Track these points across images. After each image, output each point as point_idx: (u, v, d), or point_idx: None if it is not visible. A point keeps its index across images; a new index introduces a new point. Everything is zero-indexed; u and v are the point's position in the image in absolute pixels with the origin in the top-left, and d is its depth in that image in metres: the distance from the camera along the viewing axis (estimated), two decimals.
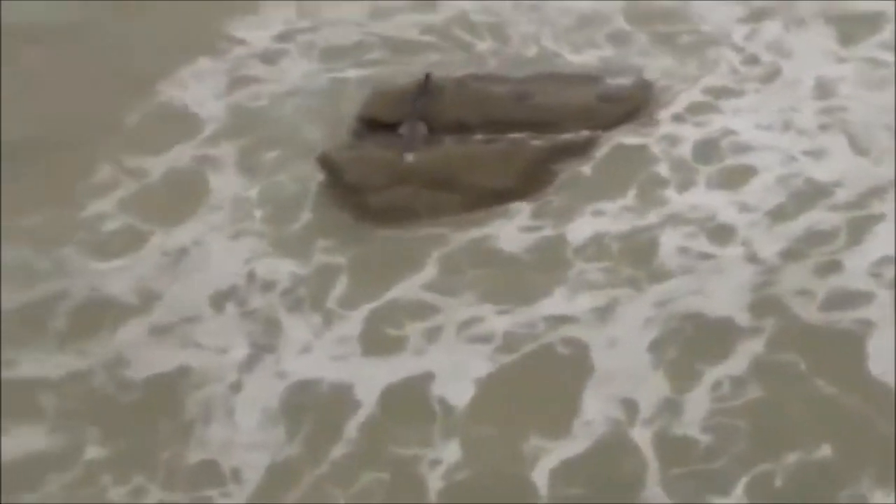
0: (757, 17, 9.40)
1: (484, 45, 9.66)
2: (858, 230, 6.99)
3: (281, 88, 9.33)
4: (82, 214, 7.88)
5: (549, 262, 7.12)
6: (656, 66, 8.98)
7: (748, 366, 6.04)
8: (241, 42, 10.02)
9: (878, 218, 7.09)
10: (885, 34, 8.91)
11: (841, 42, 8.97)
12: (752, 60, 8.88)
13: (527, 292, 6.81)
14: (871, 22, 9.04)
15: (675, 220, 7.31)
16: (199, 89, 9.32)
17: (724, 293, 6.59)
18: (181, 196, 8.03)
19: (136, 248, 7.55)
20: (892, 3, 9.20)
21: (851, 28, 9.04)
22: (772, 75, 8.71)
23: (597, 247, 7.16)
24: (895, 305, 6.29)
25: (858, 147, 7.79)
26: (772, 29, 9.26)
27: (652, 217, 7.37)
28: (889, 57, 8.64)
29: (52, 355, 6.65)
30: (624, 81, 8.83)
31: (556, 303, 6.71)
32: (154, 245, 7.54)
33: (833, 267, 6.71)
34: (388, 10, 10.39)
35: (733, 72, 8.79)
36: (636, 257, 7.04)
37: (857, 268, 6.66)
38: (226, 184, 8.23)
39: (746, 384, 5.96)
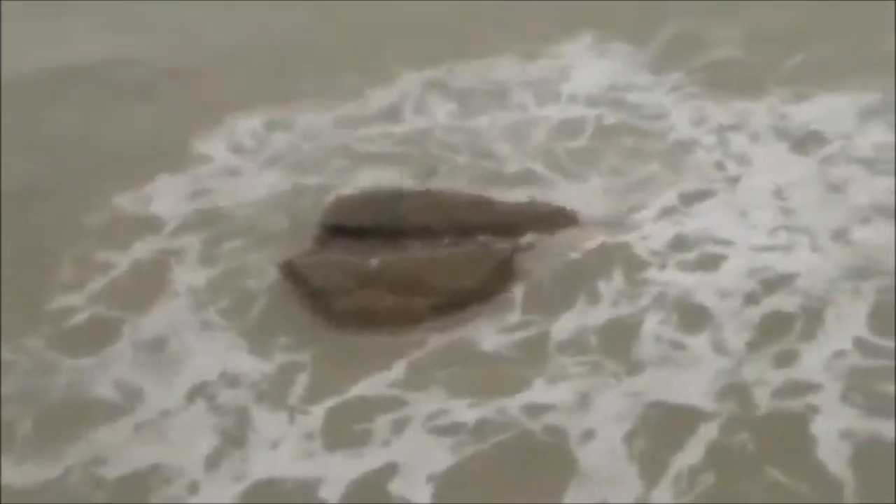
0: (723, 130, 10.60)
1: (450, 159, 10.57)
2: (814, 322, 7.80)
3: (243, 199, 10.12)
4: (49, 308, 8.54)
5: (526, 357, 7.72)
6: (630, 171, 10.01)
7: (705, 454, 6.67)
8: (204, 156, 10.90)
9: (830, 311, 7.89)
10: (832, 148, 10.04)
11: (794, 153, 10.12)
12: (720, 167, 9.94)
13: (502, 387, 7.38)
14: (817, 138, 10.21)
15: (645, 310, 8.04)
16: (160, 202, 10.12)
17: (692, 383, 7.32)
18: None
19: (110, 340, 8.20)
20: (830, 124, 10.44)
21: (801, 142, 10.21)
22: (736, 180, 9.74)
23: (574, 340, 7.83)
24: None
25: (813, 245, 8.71)
26: (735, 140, 10.41)
27: (624, 308, 8.11)
28: (834, 166, 9.77)
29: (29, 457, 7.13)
30: (583, 187, 9.80)
31: (532, 395, 7.28)
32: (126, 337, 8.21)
33: (790, 357, 7.47)
34: (353, 121, 11.44)
35: (702, 177, 9.82)
36: (613, 348, 7.70)
37: (811, 358, 7.43)
38: (187, 279, 8.91)
39: (703, 472, 6.56)
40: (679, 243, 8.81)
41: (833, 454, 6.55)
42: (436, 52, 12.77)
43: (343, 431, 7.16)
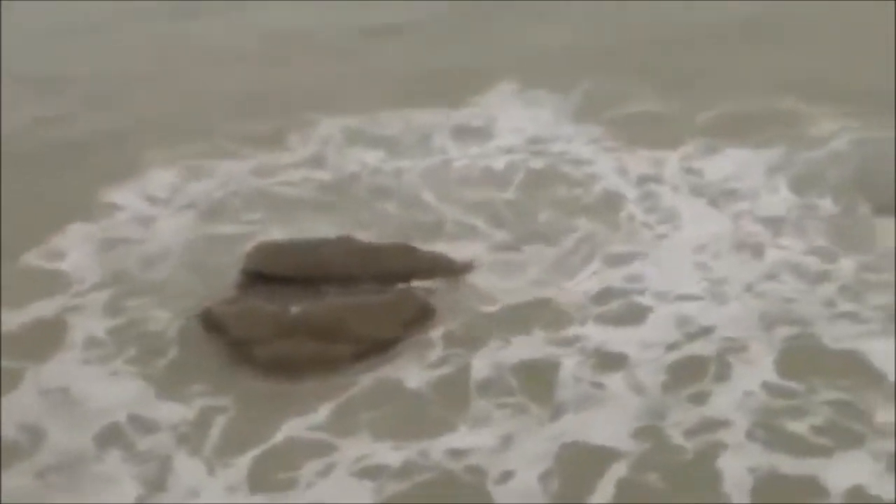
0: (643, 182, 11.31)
1: (376, 206, 11.04)
2: (726, 366, 8.44)
3: (156, 247, 10.42)
4: None
5: (448, 399, 8.17)
6: (557, 222, 10.58)
7: (617, 492, 7.19)
8: (117, 207, 11.17)
9: (743, 359, 8.52)
10: (746, 204, 10.81)
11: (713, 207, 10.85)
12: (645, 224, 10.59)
13: (425, 428, 7.82)
14: (731, 194, 10.98)
15: (568, 351, 8.59)
16: (70, 253, 10.31)
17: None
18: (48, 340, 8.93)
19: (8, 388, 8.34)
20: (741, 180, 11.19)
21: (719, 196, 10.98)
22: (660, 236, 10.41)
23: (495, 380, 8.32)
24: None
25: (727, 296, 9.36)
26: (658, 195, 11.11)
27: (547, 348, 8.66)
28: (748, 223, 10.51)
29: None
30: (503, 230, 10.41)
31: (454, 438, 7.73)
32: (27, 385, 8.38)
33: (703, 397, 8.10)
34: (273, 169, 11.86)
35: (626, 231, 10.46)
36: (533, 388, 8.20)
37: (722, 399, 8.06)
38: (96, 329, 9.13)
39: None
40: (603, 296, 9.41)
41: (736, 488, 7.12)
42: (359, 102, 13.33)
43: (268, 476, 7.48)
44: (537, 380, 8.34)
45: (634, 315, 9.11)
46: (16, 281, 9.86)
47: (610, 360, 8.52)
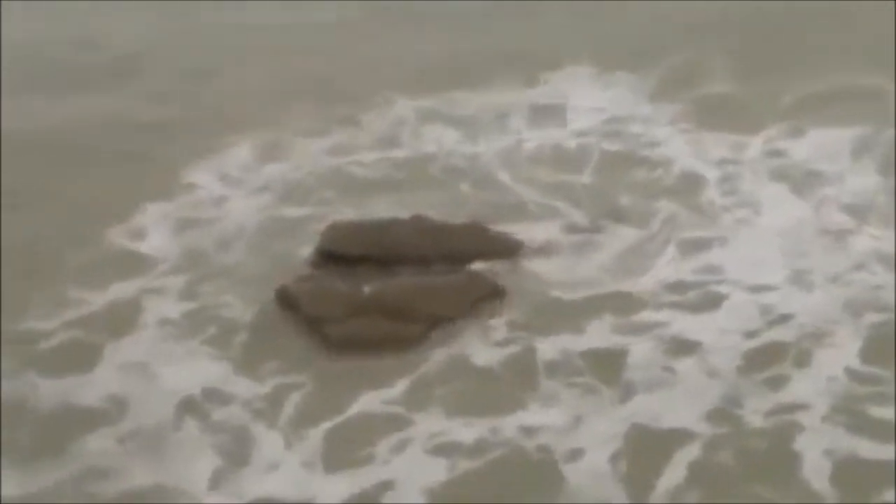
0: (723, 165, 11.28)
1: (450, 186, 11.22)
2: (807, 353, 8.39)
3: (232, 227, 10.68)
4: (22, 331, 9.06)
5: (519, 378, 8.31)
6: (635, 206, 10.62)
7: (689, 473, 7.24)
8: (196, 187, 11.48)
9: (826, 345, 8.49)
10: (831, 188, 10.70)
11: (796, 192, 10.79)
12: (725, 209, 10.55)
13: (496, 405, 7.99)
14: (815, 177, 10.92)
15: (640, 338, 8.63)
16: (150, 233, 10.64)
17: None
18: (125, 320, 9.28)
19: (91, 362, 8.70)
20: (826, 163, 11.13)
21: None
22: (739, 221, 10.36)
23: (565, 363, 8.42)
24: None
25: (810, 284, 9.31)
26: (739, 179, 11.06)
27: (618, 334, 8.71)
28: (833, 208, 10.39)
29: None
30: (570, 212, 10.50)
31: (525, 415, 7.86)
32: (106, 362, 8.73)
33: (782, 382, 8.08)
34: (348, 149, 12.07)
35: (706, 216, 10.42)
36: (602, 371, 8.30)
37: (802, 384, 8.03)
38: (172, 311, 9.41)
39: (688, 491, 7.11)
40: (680, 283, 9.42)
41: (814, 472, 7.12)
42: (433, 82, 13.48)
43: (343, 450, 7.73)
44: (607, 363, 8.42)
45: (711, 302, 9.10)
46: (99, 260, 10.22)
47: (684, 347, 8.54)
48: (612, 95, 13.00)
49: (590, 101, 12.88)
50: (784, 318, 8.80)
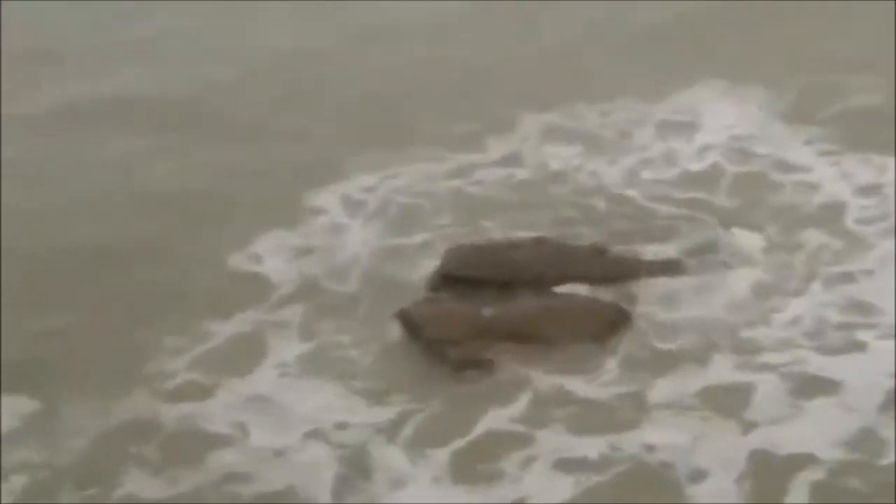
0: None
1: (573, 205, 11.43)
2: None
3: (350, 253, 11.19)
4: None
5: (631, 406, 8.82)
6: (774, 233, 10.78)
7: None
8: (316, 210, 12.00)
9: None
10: None
11: None
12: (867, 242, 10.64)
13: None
14: None
15: (767, 377, 8.89)
16: (271, 259, 11.25)
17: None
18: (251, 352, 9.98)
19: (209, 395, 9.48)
20: None
21: None
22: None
23: (680, 396, 8.85)
24: None
25: None
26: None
27: (742, 372, 9.00)
28: None
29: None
30: (700, 235, 10.70)
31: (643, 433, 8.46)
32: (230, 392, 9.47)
33: None
34: (470, 168, 12.50)
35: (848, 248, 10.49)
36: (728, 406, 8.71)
37: None
38: (293, 346, 9.98)
39: None
40: (817, 321, 9.57)
41: None
42: (554, 95, 13.83)
43: (470, 467, 8.47)
44: (728, 399, 8.79)
45: (850, 343, 9.27)
46: (223, 286, 10.93)
47: (815, 385, 8.80)
48: (743, 111, 13.10)
49: (720, 118, 12.99)
50: None
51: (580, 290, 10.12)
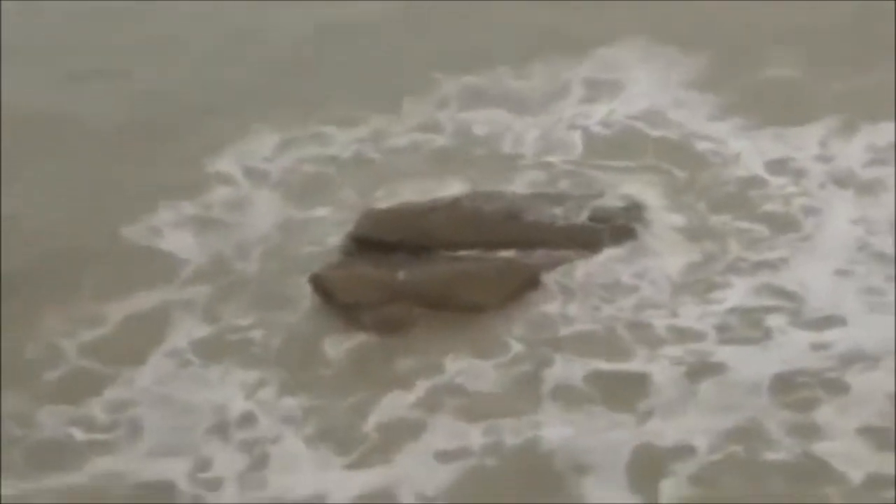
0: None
1: (489, 168, 11.99)
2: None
3: (257, 224, 11.58)
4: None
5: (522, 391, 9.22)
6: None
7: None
8: (219, 179, 12.25)
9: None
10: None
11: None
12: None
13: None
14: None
15: (665, 360, 9.30)
16: (170, 232, 11.53)
17: None
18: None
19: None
20: None
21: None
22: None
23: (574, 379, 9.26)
24: None
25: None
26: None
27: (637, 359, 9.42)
28: None
29: None
30: (615, 202, 11.19)
31: (528, 423, 8.81)
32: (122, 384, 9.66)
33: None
34: (383, 134, 12.89)
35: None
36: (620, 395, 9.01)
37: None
38: (195, 325, 10.31)
39: None
40: (729, 310, 9.85)
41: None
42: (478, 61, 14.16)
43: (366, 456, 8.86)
44: (622, 387, 9.12)
45: (763, 334, 9.47)
46: (117, 263, 11.13)
47: (710, 374, 9.10)
48: (663, 77, 13.54)
49: (641, 84, 13.49)
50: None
51: (495, 254, 10.52)
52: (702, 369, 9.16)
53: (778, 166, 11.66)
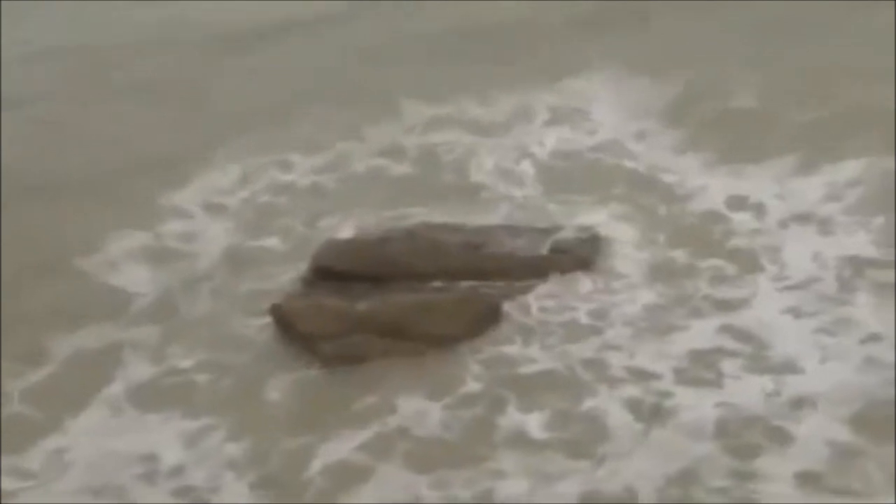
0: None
1: (446, 199, 12.19)
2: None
3: (212, 256, 11.80)
4: None
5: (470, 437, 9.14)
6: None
7: None
8: (176, 209, 12.52)
9: None
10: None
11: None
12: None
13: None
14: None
15: (619, 402, 9.32)
16: (124, 265, 11.67)
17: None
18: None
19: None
20: None
21: None
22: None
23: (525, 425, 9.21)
24: None
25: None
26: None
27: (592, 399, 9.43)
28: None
29: None
30: (575, 234, 11.38)
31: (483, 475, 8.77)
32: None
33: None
34: (344, 160, 13.19)
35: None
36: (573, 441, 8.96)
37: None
38: (140, 365, 10.33)
39: None
40: (689, 353, 9.84)
41: None
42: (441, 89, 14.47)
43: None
44: (575, 431, 9.08)
45: (718, 378, 9.42)
46: (69, 297, 11.17)
47: (664, 419, 9.10)
48: (627, 106, 13.87)
49: (604, 112, 13.85)
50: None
51: (456, 285, 10.67)
52: (656, 412, 9.17)
53: (740, 202, 11.78)
